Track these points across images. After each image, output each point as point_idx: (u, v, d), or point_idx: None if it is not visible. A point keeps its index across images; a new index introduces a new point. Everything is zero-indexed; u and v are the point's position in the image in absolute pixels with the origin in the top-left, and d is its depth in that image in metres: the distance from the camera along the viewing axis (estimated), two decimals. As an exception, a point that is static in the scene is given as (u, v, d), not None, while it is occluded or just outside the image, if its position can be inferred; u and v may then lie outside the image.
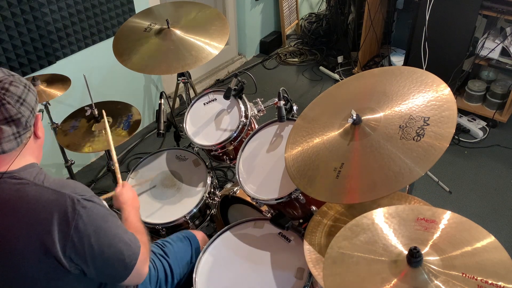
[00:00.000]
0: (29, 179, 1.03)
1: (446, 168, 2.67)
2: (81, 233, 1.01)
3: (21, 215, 1.00)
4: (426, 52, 2.81)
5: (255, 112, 1.87)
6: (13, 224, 1.00)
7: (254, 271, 1.40)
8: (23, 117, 1.02)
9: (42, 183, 1.04)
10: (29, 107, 1.04)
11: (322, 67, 3.78)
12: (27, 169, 1.06)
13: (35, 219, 1.00)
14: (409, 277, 0.91)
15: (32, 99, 1.05)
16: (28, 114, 1.04)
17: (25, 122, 1.03)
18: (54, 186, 1.04)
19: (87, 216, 1.03)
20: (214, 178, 1.92)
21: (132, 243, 1.13)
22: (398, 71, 1.35)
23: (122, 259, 1.10)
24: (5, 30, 2.07)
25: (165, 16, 2.02)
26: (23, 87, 1.04)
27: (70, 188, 1.05)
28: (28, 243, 1.00)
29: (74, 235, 1.01)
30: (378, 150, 1.18)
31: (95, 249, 1.04)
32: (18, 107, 1.01)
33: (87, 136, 1.81)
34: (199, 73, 3.60)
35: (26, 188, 1.02)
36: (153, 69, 1.88)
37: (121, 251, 1.09)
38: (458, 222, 1.01)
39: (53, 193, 1.02)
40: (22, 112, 1.02)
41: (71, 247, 1.01)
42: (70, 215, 1.01)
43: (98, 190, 2.64)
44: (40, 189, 1.02)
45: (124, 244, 1.10)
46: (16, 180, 1.03)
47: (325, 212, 1.45)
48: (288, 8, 4.05)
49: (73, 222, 1.00)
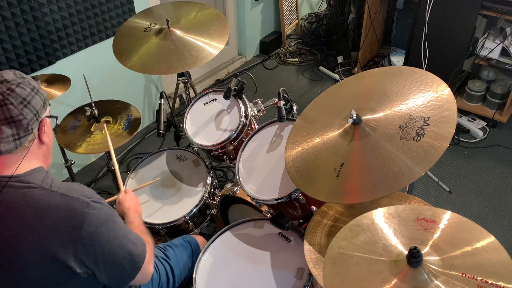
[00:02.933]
0: (37, 183, 1.03)
1: (446, 168, 2.67)
2: (92, 235, 1.02)
3: (28, 219, 0.99)
4: (426, 52, 2.81)
5: (255, 112, 1.87)
6: (19, 229, 0.99)
7: (254, 271, 1.40)
8: (24, 119, 1.01)
9: (50, 187, 1.03)
10: (33, 110, 1.03)
11: (322, 67, 3.78)
12: (34, 173, 1.05)
13: (43, 224, 0.99)
14: (409, 277, 0.91)
15: (38, 103, 1.04)
16: (31, 117, 1.03)
17: (26, 125, 1.02)
18: (62, 190, 1.03)
19: (97, 218, 1.03)
20: (214, 178, 1.92)
21: (138, 242, 1.14)
22: (398, 71, 1.35)
23: (131, 259, 1.11)
24: (5, 30, 2.07)
25: (165, 16, 2.02)
26: (30, 90, 1.03)
27: (78, 191, 1.04)
28: (34, 248, 0.99)
29: (85, 238, 1.01)
30: (378, 150, 1.18)
31: (106, 250, 1.05)
32: (21, 109, 1.00)
33: (87, 136, 1.81)
34: (199, 73, 3.60)
35: (34, 193, 1.01)
36: (153, 69, 1.88)
37: (130, 251, 1.10)
38: (458, 222, 1.01)
39: (62, 197, 1.02)
40: (25, 114, 1.01)
41: (82, 250, 1.01)
42: (80, 218, 1.01)
43: (98, 190, 2.64)
44: (48, 194, 1.02)
45: (132, 244, 1.11)
46: (23, 184, 1.02)
47: (325, 212, 1.45)
48: (288, 8, 4.05)
49: (83, 225, 1.00)
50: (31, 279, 1.01)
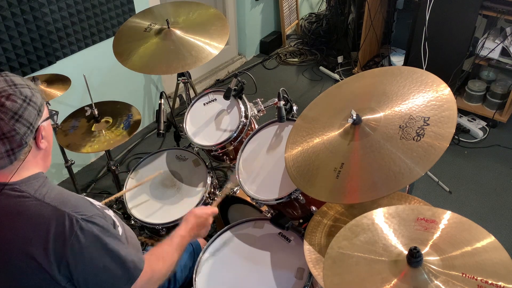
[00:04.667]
0: (30, 193, 1.00)
1: (446, 168, 2.67)
2: (76, 254, 0.98)
3: (19, 229, 0.97)
4: (426, 52, 2.81)
5: (255, 112, 1.87)
6: (10, 238, 0.98)
7: (254, 271, 1.40)
8: (17, 135, 0.96)
9: (43, 198, 1.00)
10: (26, 123, 0.98)
11: (322, 67, 3.78)
12: (30, 181, 1.02)
13: (33, 235, 0.97)
14: (409, 277, 0.91)
15: (31, 114, 0.99)
16: (24, 130, 0.98)
17: (19, 139, 0.97)
18: (55, 203, 1.00)
19: (84, 237, 0.99)
20: (214, 178, 1.92)
21: (132, 265, 1.07)
22: (398, 71, 1.35)
23: (116, 284, 1.05)
24: (5, 30, 2.07)
25: (165, 16, 2.02)
26: (22, 102, 0.97)
27: (70, 206, 1.01)
28: (24, 257, 0.97)
29: (69, 256, 0.98)
30: (378, 150, 1.18)
31: (89, 272, 1.01)
32: (12, 124, 0.95)
33: (87, 136, 1.81)
34: (199, 73, 3.60)
35: (26, 203, 0.99)
36: (153, 69, 1.88)
37: (116, 275, 1.04)
38: (458, 222, 1.01)
39: (53, 210, 0.99)
40: (17, 129, 0.96)
41: (65, 267, 0.98)
42: (67, 235, 0.97)
43: (98, 190, 2.64)
44: (40, 205, 0.99)
45: (121, 267, 1.05)
46: (16, 192, 1.00)
47: (325, 212, 1.45)
48: (288, 8, 4.05)
49: (69, 242, 0.97)
50: (23, 286, 0.99)
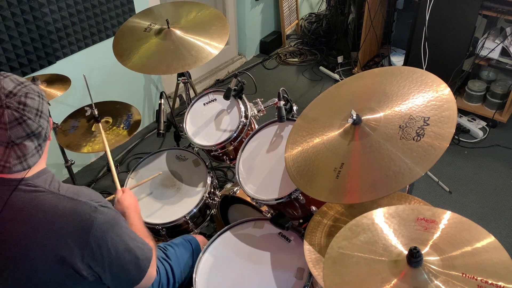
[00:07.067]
0: (45, 187, 1.02)
1: (446, 168, 2.67)
2: (99, 239, 1.02)
3: (36, 224, 0.99)
4: (426, 52, 2.81)
5: (255, 112, 1.87)
6: (28, 233, 0.99)
7: (254, 271, 1.40)
8: (43, 130, 1.01)
9: (58, 191, 1.03)
10: (46, 117, 1.02)
11: (322, 67, 3.78)
12: (41, 176, 1.04)
13: (51, 228, 0.99)
14: (409, 277, 0.91)
15: (47, 107, 1.03)
16: (46, 124, 1.03)
17: (44, 134, 1.02)
18: (70, 194, 1.03)
19: (105, 222, 1.03)
20: (214, 178, 1.92)
21: (144, 246, 1.14)
22: (398, 71, 1.35)
23: (137, 263, 1.11)
24: (5, 30, 2.07)
25: (165, 16, 2.02)
26: (38, 97, 1.01)
27: (85, 195, 1.04)
28: (42, 251, 0.99)
29: (92, 242, 1.01)
30: (378, 150, 1.18)
31: (113, 254, 1.05)
32: (38, 121, 0.99)
33: (87, 136, 1.81)
34: (199, 73, 3.60)
35: (41, 197, 1.01)
36: (153, 69, 1.88)
37: (136, 255, 1.10)
38: (458, 222, 1.01)
39: (69, 201, 1.02)
40: (42, 125, 1.01)
41: (89, 254, 1.01)
42: (88, 222, 1.00)
43: (98, 190, 2.60)
44: (55, 197, 1.02)
45: (138, 248, 1.11)
46: (31, 187, 1.01)
47: (325, 212, 1.45)
48: (288, 8, 4.05)
49: (91, 229, 1.00)
50: (38, 282, 1.01)
